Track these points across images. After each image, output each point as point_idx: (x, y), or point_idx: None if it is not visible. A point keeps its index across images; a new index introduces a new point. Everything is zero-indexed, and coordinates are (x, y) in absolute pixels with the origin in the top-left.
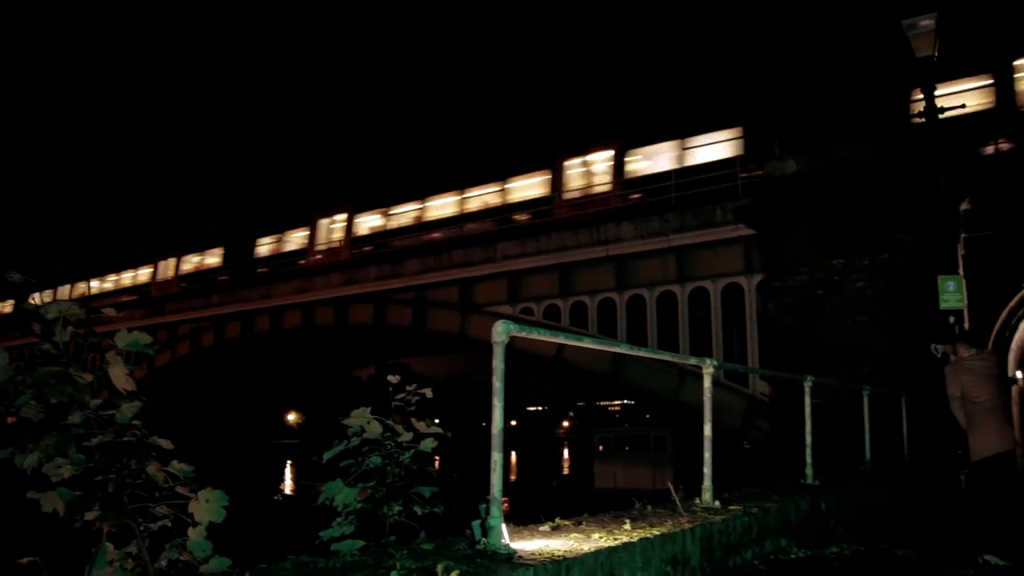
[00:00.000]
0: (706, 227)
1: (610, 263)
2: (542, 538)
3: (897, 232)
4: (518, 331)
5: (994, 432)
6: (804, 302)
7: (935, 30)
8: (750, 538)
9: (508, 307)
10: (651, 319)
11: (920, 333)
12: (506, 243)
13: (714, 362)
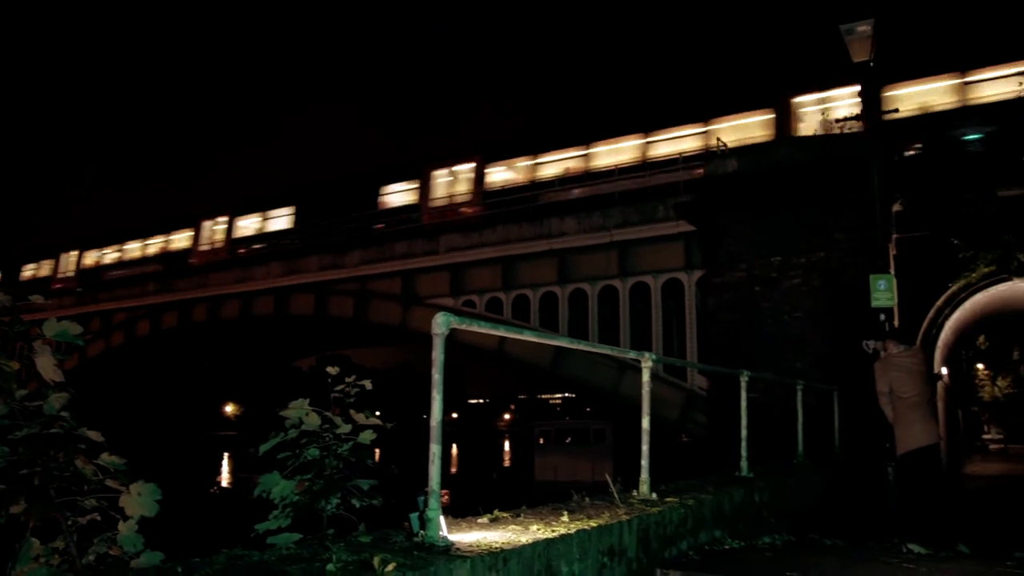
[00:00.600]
0: (648, 223)
1: (553, 257)
2: (480, 530)
3: (833, 232)
4: (458, 323)
5: (919, 426)
6: (742, 298)
7: (872, 35)
8: (685, 529)
9: (450, 299)
10: (592, 313)
11: (853, 330)
12: (449, 235)
13: (653, 356)
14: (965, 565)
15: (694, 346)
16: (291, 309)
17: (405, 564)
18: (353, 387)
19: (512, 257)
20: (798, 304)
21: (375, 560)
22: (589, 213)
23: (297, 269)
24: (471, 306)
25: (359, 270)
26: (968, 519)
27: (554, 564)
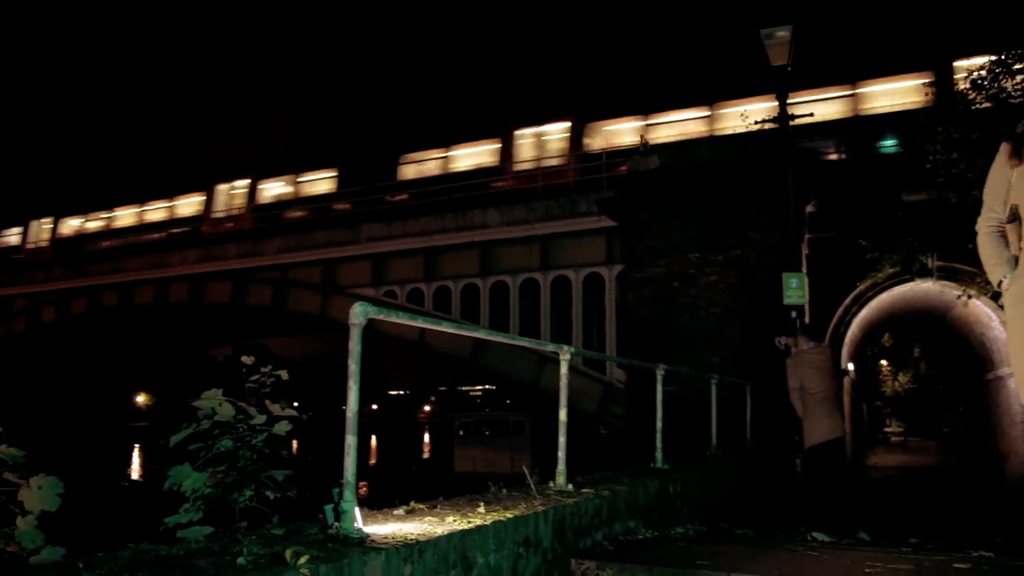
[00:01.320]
0: (570, 217)
1: (475, 249)
2: (396, 522)
3: (749, 230)
4: (376, 313)
5: (826, 421)
6: (661, 293)
7: (790, 41)
8: (601, 520)
9: (372, 290)
10: (514, 305)
11: (766, 326)
12: (371, 225)
13: (571, 349)
14: (865, 551)
15: (613, 340)
16: (207, 297)
17: (319, 557)
18: (269, 377)
19: (434, 248)
20: (715, 300)
21: (287, 553)
22: (512, 206)
23: (214, 256)
24: (392, 297)
25: (279, 258)
26: (870, 508)
27: (470, 555)
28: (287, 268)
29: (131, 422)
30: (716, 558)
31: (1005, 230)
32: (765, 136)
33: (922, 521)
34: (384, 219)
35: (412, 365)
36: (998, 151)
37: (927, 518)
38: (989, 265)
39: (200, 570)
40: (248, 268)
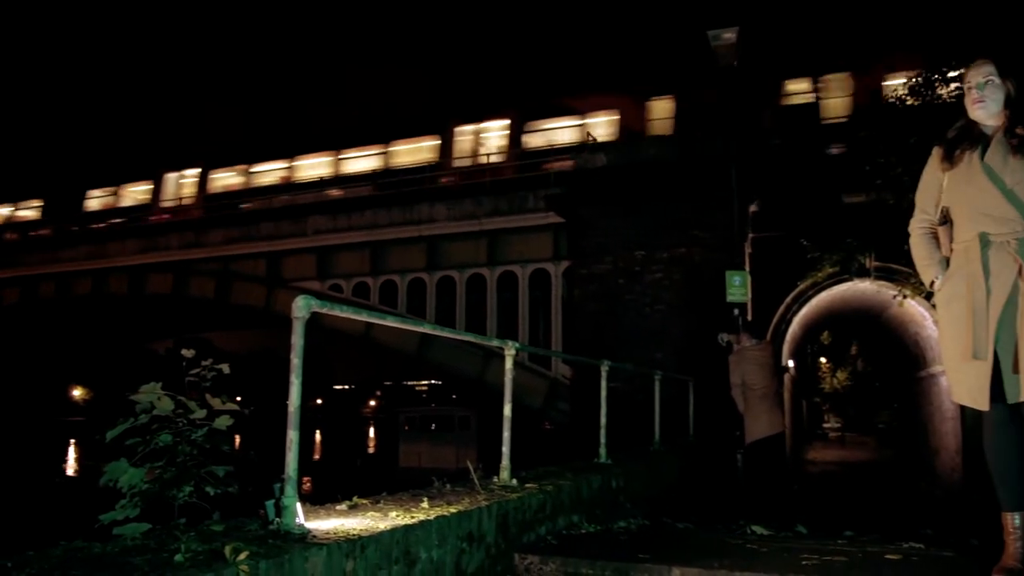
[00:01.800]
0: (518, 213)
1: (422, 243)
2: (339, 517)
3: (694, 228)
4: (319, 307)
5: (766, 417)
6: (607, 290)
7: (736, 42)
8: (544, 515)
9: (317, 283)
10: (460, 300)
11: (710, 323)
12: (317, 217)
13: (516, 344)
14: (802, 543)
15: (559, 335)
16: (148, 288)
17: (258, 553)
18: (210, 371)
19: (381, 242)
20: (660, 297)
21: (227, 549)
22: (460, 201)
23: (156, 247)
24: (338, 290)
25: (223, 249)
26: (808, 502)
27: (413, 550)
28: (231, 260)
29: (67, 416)
30: (657, 552)
31: (937, 232)
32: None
33: (858, 514)
34: (330, 212)
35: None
36: (931, 155)
37: (862, 512)
38: (921, 266)
39: (136, 568)
40: (191, 260)
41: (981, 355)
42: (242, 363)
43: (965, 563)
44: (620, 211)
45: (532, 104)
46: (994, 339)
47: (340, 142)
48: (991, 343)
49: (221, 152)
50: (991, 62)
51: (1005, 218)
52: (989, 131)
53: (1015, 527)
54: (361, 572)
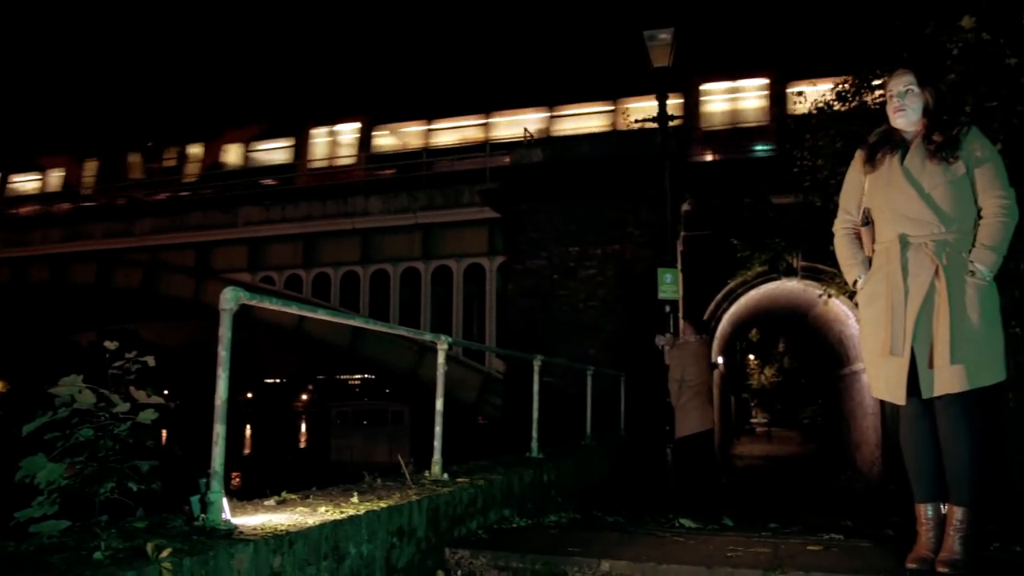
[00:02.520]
0: (453, 207)
1: (356, 236)
2: (267, 512)
3: (628, 226)
4: (248, 299)
5: (698, 413)
6: (541, 285)
7: (671, 43)
8: (475, 509)
9: (248, 275)
10: (394, 294)
11: (642, 319)
12: (249, 208)
13: (449, 339)
14: (728, 536)
15: (493, 330)
16: (71, 278)
17: (182, 549)
18: (134, 363)
19: (314, 234)
20: (593, 293)
21: (149, 546)
22: (396, 194)
23: (80, 235)
24: (270, 283)
25: (150, 239)
26: (735, 495)
27: (342, 545)
28: (159, 250)
29: None
30: (587, 545)
31: (860, 232)
32: (647, 135)
33: (782, 507)
34: (263, 202)
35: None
36: (854, 158)
37: (787, 504)
38: (845, 265)
39: (52, 566)
40: (118, 249)
41: (898, 352)
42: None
43: (881, 553)
44: (555, 207)
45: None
46: (911, 337)
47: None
48: (908, 340)
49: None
50: (911, 72)
51: (923, 220)
52: (909, 136)
53: (927, 518)
54: (289, 568)
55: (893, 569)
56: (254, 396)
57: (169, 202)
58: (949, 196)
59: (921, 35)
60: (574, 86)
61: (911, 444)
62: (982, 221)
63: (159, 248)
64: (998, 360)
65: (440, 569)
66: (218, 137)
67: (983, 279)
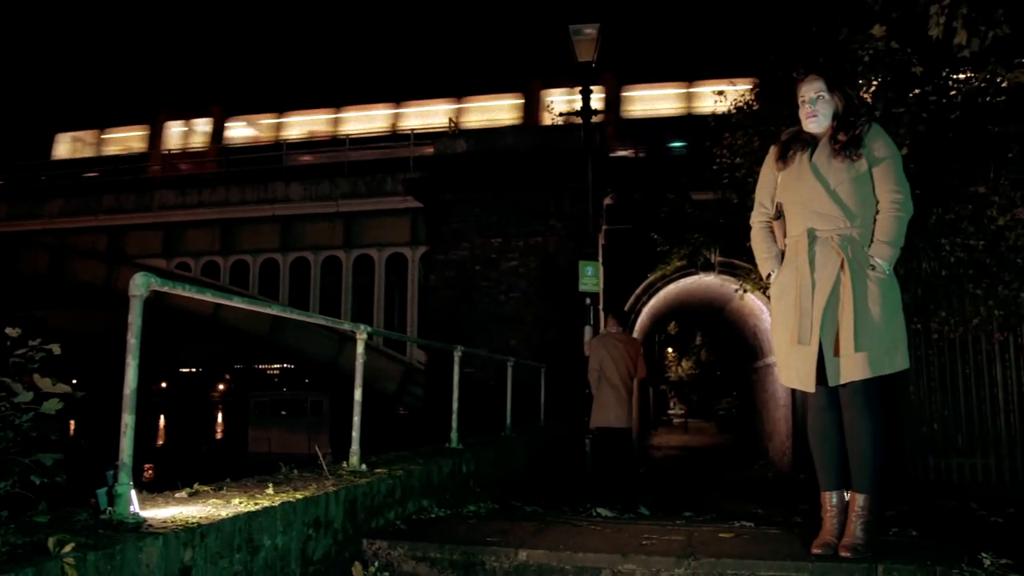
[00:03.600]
0: (376, 196)
1: (276, 223)
2: (178, 505)
3: (551, 218)
4: (160, 285)
5: (613, 410)
6: (463, 276)
7: (596, 39)
8: (394, 499)
9: (163, 261)
10: (315, 283)
11: (563, 311)
12: (164, 192)
13: (368, 328)
14: (643, 525)
15: (415, 321)
16: None
17: (87, 544)
18: (38, 351)
19: (232, 220)
20: (515, 285)
21: (50, 541)
22: (317, 181)
23: None
24: (186, 269)
25: (58, 222)
26: (651, 485)
27: (256, 538)
28: (68, 233)
29: None
30: (505, 534)
31: (773, 226)
32: (571, 128)
33: (697, 496)
34: (180, 187)
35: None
36: (768, 154)
37: (701, 494)
38: (760, 259)
39: None
40: (23, 231)
41: (805, 341)
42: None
43: (789, 539)
44: (478, 198)
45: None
46: (819, 327)
47: None
48: (816, 330)
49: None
50: (822, 78)
51: (830, 215)
52: (818, 135)
53: (832, 505)
54: (200, 562)
55: (799, 554)
56: (168, 385)
57: (80, 184)
58: (853, 192)
59: (835, 41)
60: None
61: (818, 435)
62: (878, 216)
63: (69, 231)
64: (900, 349)
65: (357, 560)
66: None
67: (883, 272)
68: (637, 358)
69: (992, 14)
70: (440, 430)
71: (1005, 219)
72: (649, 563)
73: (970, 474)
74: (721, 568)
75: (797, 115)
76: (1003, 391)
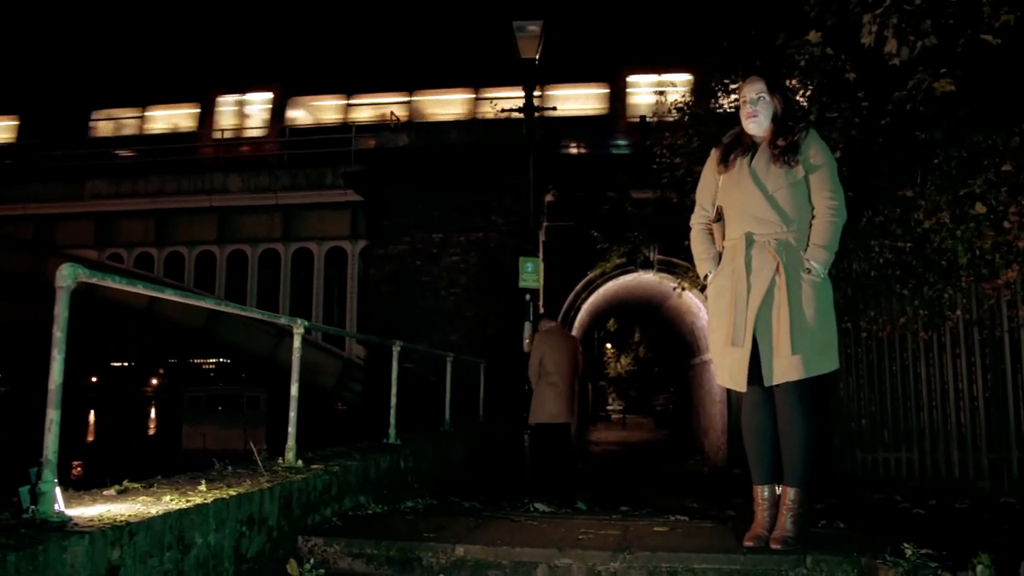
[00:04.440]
0: (316, 188)
1: (213, 214)
2: (106, 503)
3: (492, 214)
4: (88, 276)
5: (552, 405)
6: (403, 271)
7: (540, 35)
8: (330, 496)
9: (95, 252)
10: (253, 276)
11: (503, 307)
12: (97, 181)
13: (305, 322)
14: (580, 519)
15: (354, 315)
16: None
17: (7, 544)
18: None
19: (168, 211)
20: (456, 280)
21: None
22: (256, 172)
23: None
24: (118, 260)
25: None
26: (589, 481)
27: (187, 535)
28: None
29: None
30: (442, 530)
31: (712, 228)
32: (513, 124)
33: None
34: (113, 176)
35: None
36: (709, 157)
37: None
38: (698, 260)
39: None
40: None
41: (738, 343)
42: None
43: (722, 532)
44: (420, 193)
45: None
46: (752, 329)
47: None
48: (749, 332)
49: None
50: (763, 80)
51: (767, 220)
52: (758, 140)
53: (764, 498)
54: (129, 561)
55: (732, 547)
56: (99, 380)
57: (3, 171)
58: (790, 198)
59: (773, 45)
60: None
61: (751, 430)
62: (814, 221)
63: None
64: (831, 351)
65: (292, 558)
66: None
67: (818, 276)
68: (577, 354)
69: (920, 25)
70: (379, 426)
71: (930, 222)
72: (585, 557)
73: (895, 468)
74: (655, 562)
75: (736, 115)
76: (927, 388)
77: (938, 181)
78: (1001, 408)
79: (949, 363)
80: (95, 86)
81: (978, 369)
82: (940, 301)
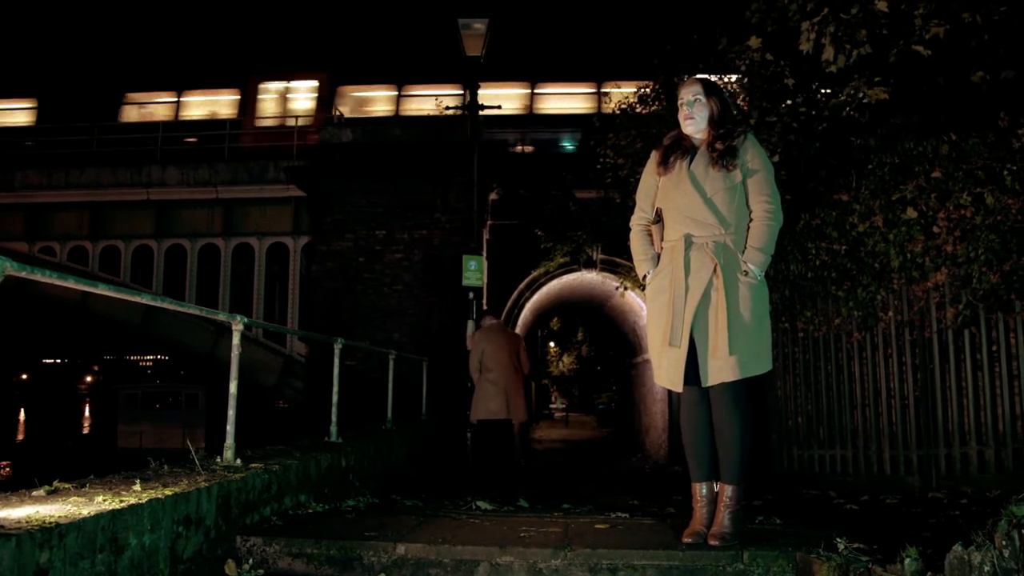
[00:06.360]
0: (258, 183)
1: (151, 208)
2: (35, 504)
3: (436, 211)
4: (16, 270)
5: (493, 402)
6: (346, 268)
7: (485, 34)
8: (270, 495)
9: (25, 244)
10: (192, 271)
11: (447, 305)
12: (28, 172)
13: (244, 319)
14: (522, 517)
15: (296, 312)
16: None
17: None
18: None
19: (104, 204)
20: (399, 277)
21: None
22: (196, 166)
23: None
24: (50, 254)
25: None
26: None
27: (121, 537)
28: None
29: None
30: (383, 529)
31: (652, 230)
32: (457, 121)
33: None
34: (45, 166)
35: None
36: (650, 158)
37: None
38: (637, 260)
39: None
40: None
41: (676, 343)
42: None
43: (662, 529)
44: (363, 189)
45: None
46: (689, 330)
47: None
48: (686, 333)
49: None
50: (699, 82)
51: (705, 223)
52: (697, 143)
53: (702, 495)
54: (59, 563)
55: (671, 543)
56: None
57: None
58: (728, 201)
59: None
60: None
61: (689, 429)
62: (751, 224)
63: None
64: (766, 353)
65: (231, 558)
66: None
67: (754, 278)
68: (520, 352)
69: (856, 34)
70: (320, 424)
71: (864, 226)
72: (527, 555)
73: (830, 465)
74: (596, 558)
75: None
76: (860, 387)
77: (872, 186)
78: (930, 407)
79: (881, 363)
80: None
81: (908, 369)
82: (873, 302)
